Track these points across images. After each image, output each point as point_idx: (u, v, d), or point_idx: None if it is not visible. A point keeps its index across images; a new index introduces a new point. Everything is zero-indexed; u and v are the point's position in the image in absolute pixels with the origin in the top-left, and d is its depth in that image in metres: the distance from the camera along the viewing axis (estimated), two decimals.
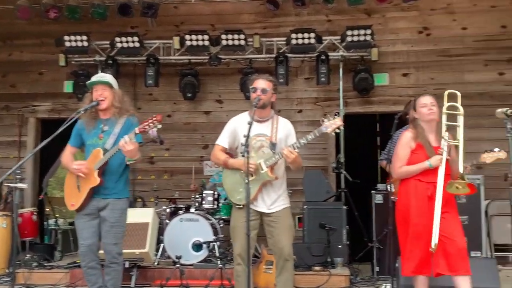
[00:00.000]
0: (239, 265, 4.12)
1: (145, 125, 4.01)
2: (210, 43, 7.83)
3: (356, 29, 7.51)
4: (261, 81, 4.20)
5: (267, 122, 4.25)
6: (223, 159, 4.26)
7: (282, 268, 4.13)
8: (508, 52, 7.95)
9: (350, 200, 6.85)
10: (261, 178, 4.07)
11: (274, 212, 4.16)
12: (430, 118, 4.10)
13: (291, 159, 3.93)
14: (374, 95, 8.03)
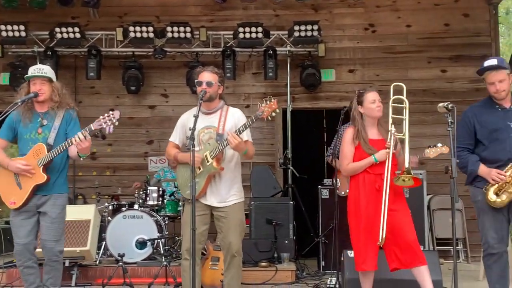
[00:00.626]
0: (186, 260, 4.08)
1: (102, 122, 3.90)
2: (155, 35, 7.69)
3: (303, 24, 7.54)
4: (206, 74, 4.17)
5: (215, 113, 4.23)
6: (173, 154, 4.28)
7: (229, 264, 4.11)
8: (450, 50, 8.19)
9: (297, 195, 6.91)
10: (207, 170, 4.04)
11: (225, 207, 4.13)
12: (379, 114, 4.15)
13: (234, 145, 3.90)
14: (321, 91, 8.10)
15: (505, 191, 3.92)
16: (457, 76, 8.18)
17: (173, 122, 8.05)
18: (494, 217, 4.04)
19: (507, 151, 3.97)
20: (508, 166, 3.93)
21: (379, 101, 4.19)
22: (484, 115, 4.15)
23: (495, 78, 4.04)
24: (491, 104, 4.17)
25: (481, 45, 8.19)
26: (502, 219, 4.04)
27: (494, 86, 4.05)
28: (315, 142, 8.85)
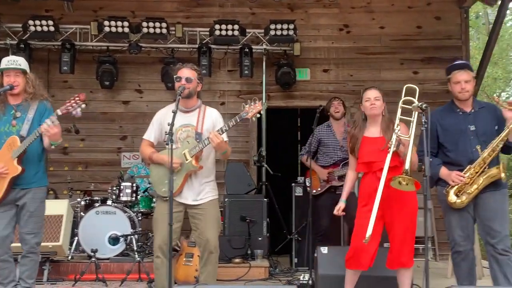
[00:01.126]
0: (158, 257, 4.07)
1: (68, 106, 3.86)
2: (130, 30, 7.62)
3: (279, 23, 7.57)
4: (185, 70, 4.16)
5: (193, 112, 4.21)
6: (149, 154, 4.21)
7: (206, 260, 4.12)
8: (422, 52, 8.33)
9: (270, 192, 6.94)
10: (185, 168, 4.02)
11: (200, 204, 4.13)
12: (371, 112, 4.15)
13: (216, 143, 3.91)
14: (296, 90, 8.15)
15: (464, 192, 4.03)
16: (429, 77, 8.32)
17: (147, 118, 8.00)
18: (460, 215, 4.13)
19: (467, 154, 4.09)
20: (467, 168, 4.04)
21: (374, 99, 4.15)
22: (446, 119, 4.25)
23: (462, 77, 4.15)
24: (453, 108, 4.28)
25: (452, 47, 8.36)
26: (468, 217, 4.14)
27: (460, 85, 4.16)
28: (289, 140, 8.91)
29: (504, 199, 4.16)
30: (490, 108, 4.23)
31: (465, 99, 4.19)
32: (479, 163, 4.02)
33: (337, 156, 5.98)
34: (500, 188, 4.09)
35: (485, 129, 4.11)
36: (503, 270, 4.00)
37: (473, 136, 4.12)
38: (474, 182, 4.02)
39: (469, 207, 4.12)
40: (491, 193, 4.07)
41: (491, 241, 4.07)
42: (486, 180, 4.00)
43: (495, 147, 3.99)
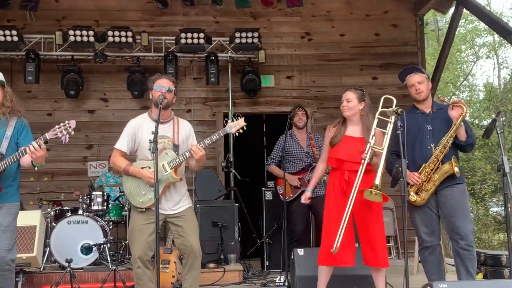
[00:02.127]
0: (139, 268, 4.03)
1: (58, 132, 3.80)
2: (95, 39, 7.57)
3: (244, 31, 7.66)
4: (165, 80, 4.16)
5: (168, 123, 4.20)
6: (124, 167, 4.12)
7: (191, 265, 4.12)
8: (380, 58, 8.58)
9: (239, 197, 7.00)
10: (165, 179, 4.01)
11: (180, 212, 4.14)
12: (344, 114, 4.27)
13: (199, 156, 3.94)
14: (261, 96, 8.25)
15: (423, 190, 4.22)
16: (387, 83, 8.54)
17: (113, 127, 8.12)
18: (424, 213, 4.30)
19: (423, 152, 4.28)
20: (422, 167, 4.21)
21: (346, 100, 4.27)
22: (408, 121, 4.34)
23: (414, 80, 4.38)
24: (414, 110, 4.48)
25: (408, 54, 8.66)
26: (431, 214, 4.30)
27: (414, 87, 4.39)
28: (255, 145, 8.98)
29: (463, 196, 4.31)
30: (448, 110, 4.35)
31: (421, 99, 4.40)
32: (432, 161, 4.20)
33: (304, 162, 6.08)
34: (456, 183, 4.24)
35: (440, 129, 4.27)
36: (465, 264, 4.18)
37: (429, 135, 4.30)
38: (430, 179, 4.20)
39: (431, 204, 4.28)
40: (450, 190, 4.23)
41: (455, 237, 4.24)
42: (440, 176, 4.18)
43: (446, 144, 4.17)
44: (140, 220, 4.05)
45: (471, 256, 4.20)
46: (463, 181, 4.36)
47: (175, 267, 5.29)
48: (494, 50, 19.53)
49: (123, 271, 5.51)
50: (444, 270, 4.47)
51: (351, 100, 4.26)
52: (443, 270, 4.45)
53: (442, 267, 4.45)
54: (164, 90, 4.06)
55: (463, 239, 4.20)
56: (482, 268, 5.58)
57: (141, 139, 4.12)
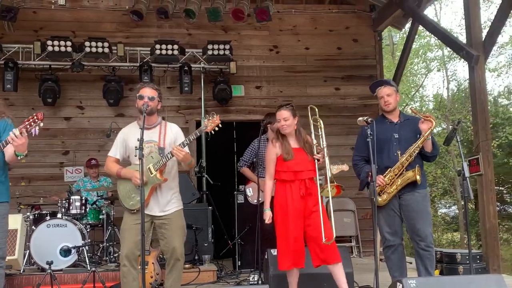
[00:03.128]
0: (125, 266, 4.03)
1: (26, 124, 3.74)
2: (72, 49, 7.49)
3: (216, 43, 7.72)
4: (147, 89, 4.16)
5: (154, 128, 4.21)
6: (116, 171, 4.16)
7: (173, 267, 4.13)
8: (343, 70, 8.76)
9: (211, 201, 7.02)
10: (151, 181, 4.02)
11: (167, 215, 4.14)
12: (284, 132, 4.28)
13: (181, 157, 3.96)
14: (232, 105, 8.30)
15: (385, 192, 4.33)
16: (349, 93, 8.76)
17: (89, 133, 8.05)
18: (387, 214, 4.42)
19: (389, 158, 4.38)
20: (387, 171, 4.34)
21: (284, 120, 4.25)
22: (376, 129, 4.47)
23: (384, 92, 4.50)
24: (382, 119, 4.59)
25: (368, 67, 8.88)
26: (394, 215, 4.41)
27: (383, 99, 4.50)
28: (226, 151, 9.03)
29: (424, 200, 4.45)
30: (414, 120, 4.51)
31: (389, 110, 4.51)
32: (397, 167, 4.32)
33: None
34: (417, 189, 4.36)
35: (406, 137, 4.40)
36: (424, 263, 4.33)
37: (396, 143, 4.42)
38: (393, 183, 4.33)
39: (395, 207, 4.40)
40: (412, 195, 4.36)
41: (415, 238, 4.38)
42: (403, 181, 4.31)
43: (412, 153, 4.30)
44: (130, 220, 4.07)
45: (430, 256, 4.34)
46: (425, 187, 4.47)
47: (153, 268, 5.26)
48: (444, 64, 20.11)
49: (102, 272, 5.47)
50: (406, 268, 4.57)
51: (288, 119, 4.26)
52: (405, 267, 4.55)
53: (404, 264, 4.54)
54: (146, 99, 4.07)
55: (423, 240, 4.32)
56: (438, 265, 5.77)
57: (131, 146, 4.12)
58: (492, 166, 5.95)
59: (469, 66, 6.13)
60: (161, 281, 5.16)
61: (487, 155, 5.87)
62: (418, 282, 3.05)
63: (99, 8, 8.36)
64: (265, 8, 7.79)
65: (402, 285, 3.06)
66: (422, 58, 20.77)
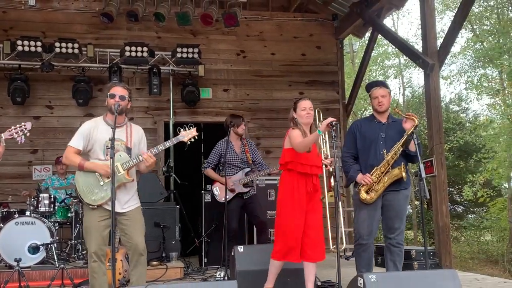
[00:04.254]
0: (95, 262, 3.95)
1: (13, 132, 3.65)
2: (42, 49, 7.32)
3: (185, 47, 7.68)
4: (119, 88, 4.08)
5: (122, 127, 4.14)
6: (79, 162, 3.97)
7: (137, 262, 4.06)
8: (306, 75, 8.86)
9: (179, 200, 6.97)
10: (118, 180, 3.93)
11: (128, 211, 4.07)
12: (308, 121, 4.21)
13: (150, 163, 3.93)
14: (200, 107, 8.28)
15: (373, 189, 4.35)
16: (312, 97, 8.29)
17: (58, 133, 7.88)
18: (369, 214, 4.40)
19: (376, 156, 4.39)
20: (374, 169, 4.35)
21: (309, 109, 4.22)
22: (364, 127, 4.55)
23: (379, 93, 4.47)
24: (372, 119, 4.60)
25: (330, 72, 9.01)
26: (374, 215, 4.40)
27: (377, 99, 4.46)
28: (194, 152, 8.96)
29: (405, 201, 4.46)
30: (401, 122, 4.42)
31: (382, 111, 4.48)
32: (383, 165, 4.31)
33: (239, 167, 6.15)
34: (402, 188, 4.36)
35: (392, 137, 4.37)
36: (393, 259, 4.37)
37: (382, 142, 4.40)
38: (380, 181, 4.32)
39: (378, 207, 4.40)
40: (395, 194, 4.36)
41: (389, 236, 4.41)
42: (389, 179, 4.29)
43: (397, 151, 4.29)
44: (94, 217, 3.96)
45: (400, 253, 4.38)
46: (409, 186, 4.43)
47: (121, 265, 5.19)
48: (400, 72, 20.55)
49: (70, 269, 5.36)
50: (373, 266, 4.60)
51: (312, 109, 4.23)
52: (372, 265, 4.55)
53: (371, 263, 4.55)
54: (117, 98, 4.00)
55: (396, 237, 4.37)
56: None
57: (95, 140, 4.01)
58: (445, 168, 6.12)
59: (425, 74, 6.29)
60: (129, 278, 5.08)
61: (440, 157, 6.03)
62: (378, 277, 3.11)
63: (69, 9, 8.21)
64: (233, 14, 7.79)
65: (363, 279, 3.11)
66: (380, 66, 21.17)
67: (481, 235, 19.73)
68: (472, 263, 17.16)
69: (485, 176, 17.44)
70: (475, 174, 17.99)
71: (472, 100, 20.79)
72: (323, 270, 5.82)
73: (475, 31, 19.01)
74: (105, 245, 4.02)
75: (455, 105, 21.64)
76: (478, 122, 19.69)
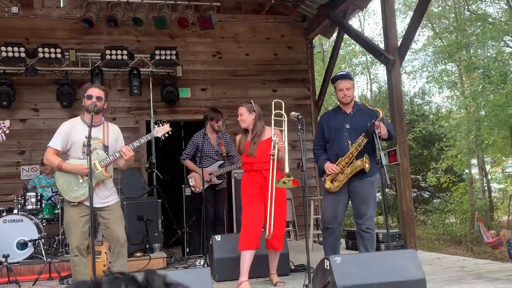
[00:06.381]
0: (76, 256, 3.89)
1: None
2: (26, 55, 7.16)
3: (163, 49, 7.59)
4: (95, 89, 4.03)
5: (99, 126, 4.08)
6: (57, 163, 3.93)
7: (118, 254, 4.02)
8: (279, 74, 8.82)
9: (161, 194, 6.91)
10: (96, 177, 3.89)
11: (108, 206, 4.02)
12: (242, 126, 4.32)
13: (128, 157, 3.86)
14: (179, 106, 8.19)
15: (337, 179, 4.34)
16: (284, 94, 8.78)
17: (44, 134, 7.74)
18: (333, 200, 4.38)
19: (341, 147, 4.36)
20: (339, 160, 4.33)
21: (240, 115, 4.36)
22: (331, 119, 4.53)
23: (344, 86, 4.40)
24: (338, 110, 4.55)
25: (301, 71, 8.99)
26: (339, 200, 4.36)
27: (342, 92, 4.40)
28: (175, 149, 8.89)
29: (371, 187, 4.37)
30: (366, 112, 4.41)
31: (347, 103, 4.44)
32: (348, 156, 4.27)
33: (214, 159, 6.13)
34: (366, 177, 4.31)
35: (357, 128, 4.32)
36: (364, 243, 4.34)
37: (347, 133, 4.35)
38: (344, 171, 4.28)
39: (344, 193, 4.37)
40: (360, 181, 4.32)
41: (358, 221, 4.38)
42: (352, 169, 4.25)
43: (360, 143, 4.24)
44: (74, 213, 3.91)
45: (371, 238, 4.33)
46: (374, 174, 4.34)
47: (106, 257, 5.11)
48: (367, 68, 20.69)
49: (57, 263, 5.28)
50: (339, 249, 4.59)
51: (243, 114, 4.33)
52: (338, 248, 4.54)
53: (338, 246, 4.54)
54: (94, 99, 3.94)
55: (365, 223, 4.32)
56: None
57: (74, 140, 3.95)
58: (407, 157, 6.17)
59: (387, 69, 6.32)
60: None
61: (403, 147, 6.07)
62: (343, 259, 3.11)
63: (51, 16, 8.02)
64: (208, 17, 7.72)
65: (329, 261, 3.11)
66: (348, 64, 21.28)
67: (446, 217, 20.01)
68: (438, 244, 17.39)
69: (446, 163, 17.69)
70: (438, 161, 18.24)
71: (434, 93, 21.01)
72: (298, 254, 5.84)
73: (435, 29, 19.23)
74: (86, 240, 3.96)
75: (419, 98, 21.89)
76: (440, 114, 19.95)
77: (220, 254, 4.49)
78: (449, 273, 4.20)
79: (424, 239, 18.21)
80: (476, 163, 18.53)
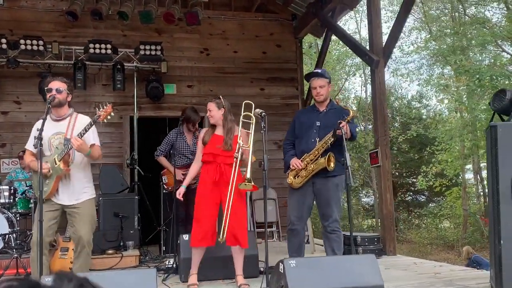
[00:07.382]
0: (34, 252, 3.78)
1: None
2: (8, 46, 7.02)
3: (148, 44, 7.43)
4: (55, 82, 3.91)
5: (64, 120, 3.94)
6: (28, 162, 3.96)
7: (79, 253, 3.89)
8: (267, 72, 8.67)
9: (142, 191, 6.77)
10: (55, 171, 3.78)
11: (76, 204, 3.89)
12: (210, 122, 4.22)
13: (76, 146, 3.69)
14: (164, 102, 8.04)
15: (300, 175, 4.24)
16: (272, 93, 8.68)
17: (26, 127, 7.56)
18: (298, 200, 4.29)
19: (308, 144, 4.27)
20: (304, 156, 4.23)
21: (208, 110, 4.26)
22: (303, 116, 4.45)
23: (317, 84, 4.31)
24: (312, 108, 4.49)
25: (289, 70, 8.83)
26: (304, 201, 4.28)
27: (315, 90, 4.32)
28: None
29: (336, 188, 4.26)
30: (338, 110, 4.33)
31: (320, 101, 4.35)
32: (313, 153, 4.19)
33: (189, 158, 5.97)
34: (332, 175, 4.19)
35: (327, 125, 4.22)
36: (331, 245, 4.24)
37: (316, 130, 4.27)
38: (307, 168, 4.20)
39: (308, 193, 4.27)
40: (325, 181, 4.21)
41: (324, 223, 4.28)
42: (315, 167, 4.16)
43: (327, 141, 4.15)
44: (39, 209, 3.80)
45: (338, 239, 4.22)
46: (340, 173, 4.18)
47: (73, 254, 4.96)
48: (362, 69, 20.52)
49: (26, 258, 5.11)
50: (304, 250, 4.46)
51: (212, 110, 4.24)
52: (302, 250, 4.42)
53: (302, 248, 4.43)
54: (53, 91, 3.81)
55: (330, 224, 4.22)
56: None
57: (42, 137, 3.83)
58: (389, 159, 6.00)
59: (371, 70, 6.17)
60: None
61: (385, 149, 5.91)
62: (297, 262, 2.96)
63: (37, 8, 7.89)
64: (195, 13, 7.58)
65: (283, 265, 2.96)
66: (343, 65, 21.13)
67: (440, 222, 19.87)
68: (430, 248, 17.25)
69: (437, 168, 17.55)
70: (429, 165, 18.11)
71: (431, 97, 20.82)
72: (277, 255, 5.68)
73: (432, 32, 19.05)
74: (48, 236, 3.85)
75: (416, 102, 21.74)
76: (437, 118, 19.77)
77: (187, 254, 4.33)
78: (420, 279, 4.04)
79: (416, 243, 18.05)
80: (471, 168, 18.36)
